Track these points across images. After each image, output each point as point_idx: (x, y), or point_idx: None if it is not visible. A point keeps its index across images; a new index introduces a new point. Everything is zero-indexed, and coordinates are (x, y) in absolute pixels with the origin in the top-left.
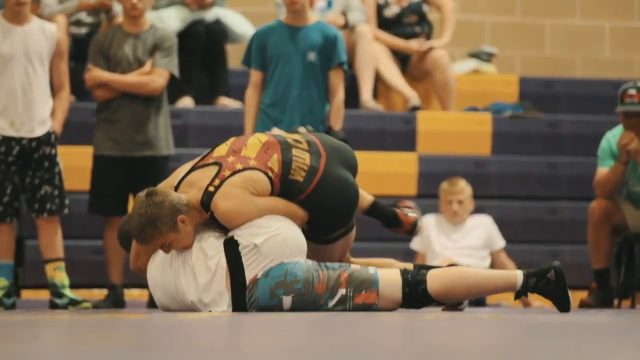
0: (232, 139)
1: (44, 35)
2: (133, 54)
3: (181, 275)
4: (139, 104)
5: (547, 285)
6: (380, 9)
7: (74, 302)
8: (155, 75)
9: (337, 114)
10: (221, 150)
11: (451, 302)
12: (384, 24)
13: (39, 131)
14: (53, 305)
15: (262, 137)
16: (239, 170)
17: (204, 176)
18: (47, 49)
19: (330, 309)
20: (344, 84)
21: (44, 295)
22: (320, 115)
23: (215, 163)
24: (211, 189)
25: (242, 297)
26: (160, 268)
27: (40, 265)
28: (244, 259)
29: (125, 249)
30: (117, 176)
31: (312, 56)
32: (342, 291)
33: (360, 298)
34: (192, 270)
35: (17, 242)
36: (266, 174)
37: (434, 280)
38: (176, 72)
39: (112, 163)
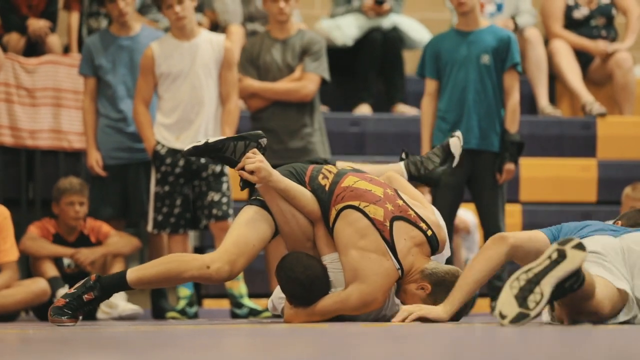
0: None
1: (211, 47)
2: (282, 59)
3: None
4: (292, 111)
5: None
6: (569, 10)
7: (254, 312)
8: (305, 80)
9: (512, 116)
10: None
11: None
12: (571, 24)
13: None
14: (234, 315)
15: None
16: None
17: None
18: (215, 61)
19: None
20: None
21: (226, 304)
22: (496, 117)
23: None
24: None
25: None
26: None
27: None
28: None
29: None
30: None
31: (486, 59)
32: None
33: None
34: None
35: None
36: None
37: None
38: (327, 76)
39: None
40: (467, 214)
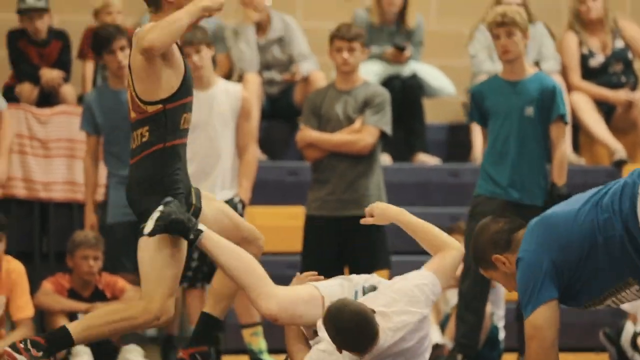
0: None
1: (227, 97)
2: (343, 111)
3: None
4: (347, 162)
5: None
6: (585, 59)
7: None
8: (364, 133)
9: (559, 168)
10: None
11: None
12: (589, 74)
13: (220, 196)
14: None
15: None
16: None
17: None
18: (231, 111)
19: None
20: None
21: None
22: (541, 171)
23: None
24: None
25: None
26: None
27: (240, 330)
28: None
29: None
30: (326, 237)
31: (530, 111)
32: None
33: None
34: None
35: None
36: None
37: None
38: (388, 130)
39: (321, 223)
40: None
